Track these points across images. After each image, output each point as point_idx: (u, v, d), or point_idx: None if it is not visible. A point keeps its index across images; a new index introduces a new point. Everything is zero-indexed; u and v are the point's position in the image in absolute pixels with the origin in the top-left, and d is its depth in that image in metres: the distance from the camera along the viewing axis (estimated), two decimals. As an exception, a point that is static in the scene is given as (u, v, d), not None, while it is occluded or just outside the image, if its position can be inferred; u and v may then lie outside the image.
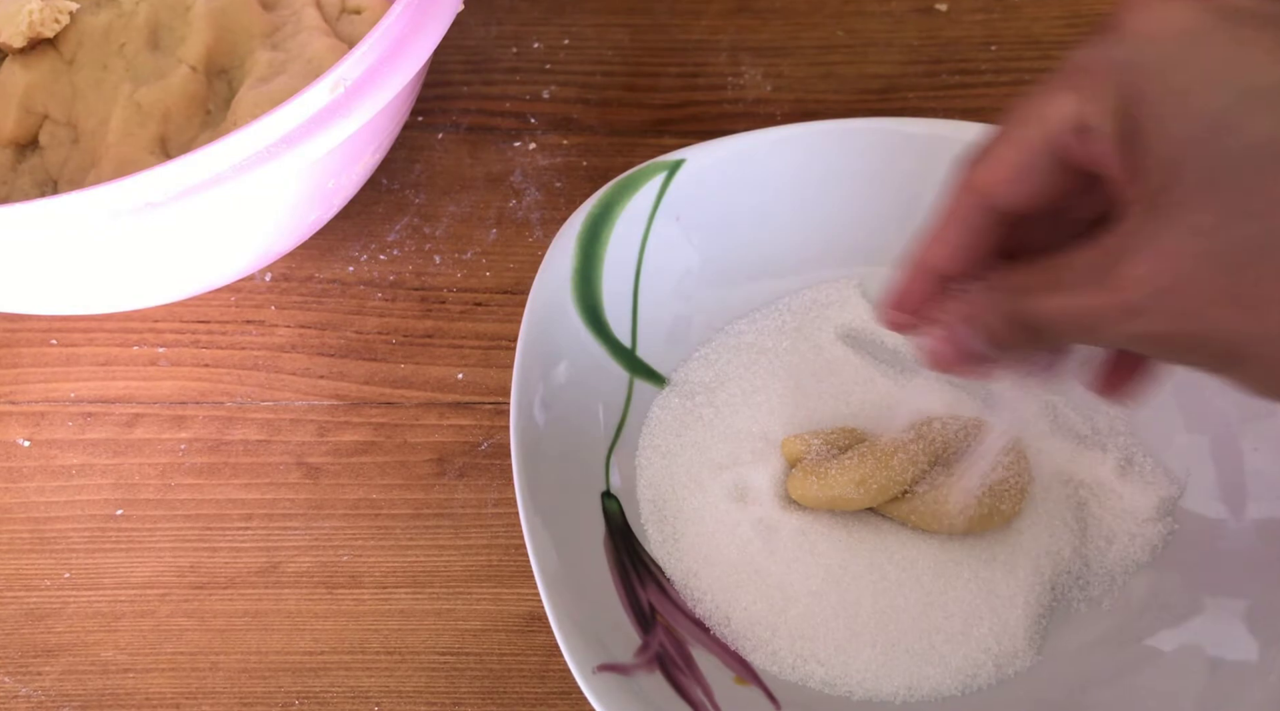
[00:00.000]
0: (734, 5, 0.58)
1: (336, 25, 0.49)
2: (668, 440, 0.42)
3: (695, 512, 0.40)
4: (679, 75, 0.55)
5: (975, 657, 0.37)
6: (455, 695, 0.40)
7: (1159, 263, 0.26)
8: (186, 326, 0.48)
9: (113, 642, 0.41)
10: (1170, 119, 0.26)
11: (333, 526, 0.43)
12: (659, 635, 0.37)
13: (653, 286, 0.44)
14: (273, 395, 0.46)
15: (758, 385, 0.42)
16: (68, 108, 0.46)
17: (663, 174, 0.45)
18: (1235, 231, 0.25)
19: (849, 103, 0.54)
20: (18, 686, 0.40)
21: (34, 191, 0.46)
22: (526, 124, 0.54)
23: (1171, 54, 0.26)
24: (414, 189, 0.52)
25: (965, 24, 0.57)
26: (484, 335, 0.47)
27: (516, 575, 0.42)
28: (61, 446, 0.45)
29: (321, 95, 0.38)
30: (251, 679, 0.40)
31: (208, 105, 0.46)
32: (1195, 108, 0.25)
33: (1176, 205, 0.26)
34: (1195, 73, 0.25)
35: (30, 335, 0.48)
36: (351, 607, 0.41)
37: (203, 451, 0.45)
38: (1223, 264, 0.25)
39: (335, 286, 0.49)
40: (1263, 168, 0.25)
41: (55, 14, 0.46)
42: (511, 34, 0.57)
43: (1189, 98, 0.25)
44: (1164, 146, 0.26)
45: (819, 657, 0.37)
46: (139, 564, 0.42)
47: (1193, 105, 0.25)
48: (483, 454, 0.44)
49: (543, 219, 0.50)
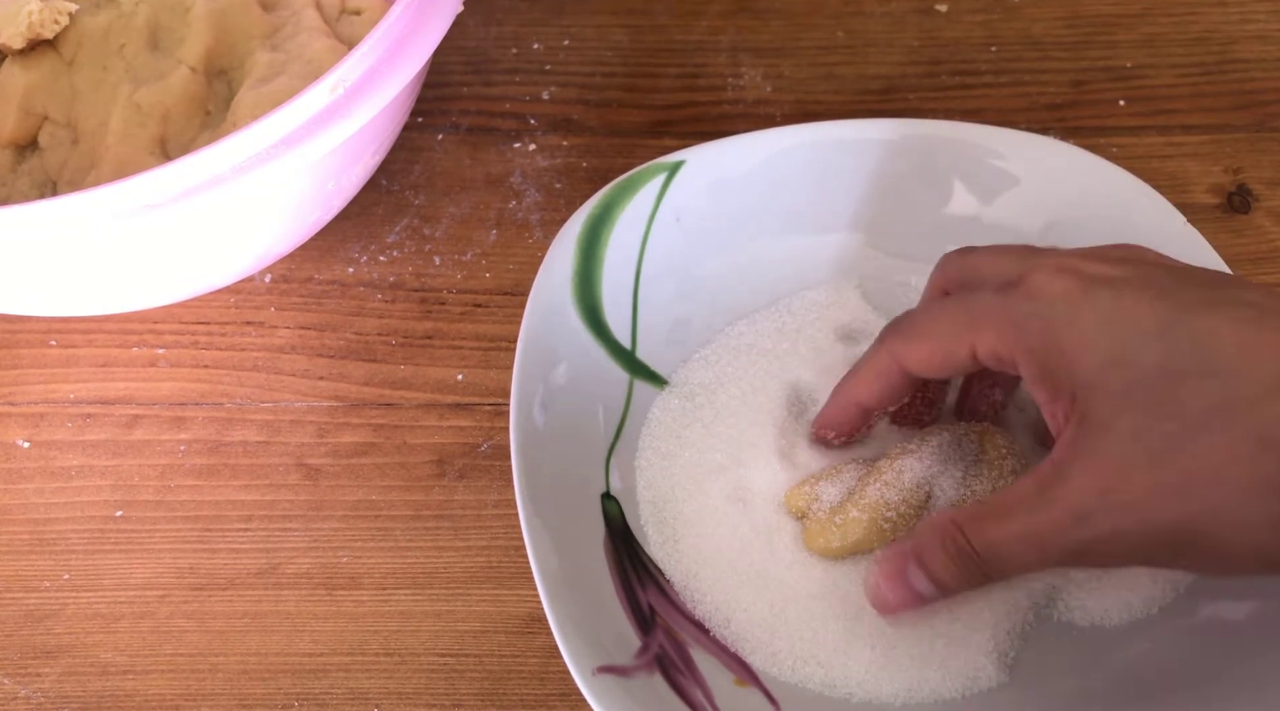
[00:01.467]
0: (734, 6, 0.58)
1: (336, 26, 0.49)
2: (668, 441, 0.42)
3: (695, 514, 0.40)
4: (679, 76, 0.55)
5: (976, 661, 0.37)
6: (455, 696, 0.40)
7: (1098, 468, 0.31)
8: (186, 327, 0.48)
9: (112, 644, 0.41)
10: (1081, 355, 0.31)
11: (332, 527, 0.43)
12: (659, 637, 0.37)
13: (653, 287, 0.44)
14: (272, 396, 0.46)
15: (758, 386, 0.42)
16: (67, 109, 0.46)
17: (663, 175, 0.45)
18: (1157, 430, 0.30)
19: (849, 104, 0.54)
20: (17, 688, 0.40)
21: (33, 192, 0.46)
22: (526, 125, 0.53)
23: (1071, 310, 0.32)
24: (414, 190, 0.52)
25: (965, 25, 0.57)
26: (484, 336, 0.47)
27: (516, 576, 0.42)
28: (61, 447, 0.45)
29: (321, 96, 0.38)
30: (251, 680, 0.40)
31: (207, 106, 0.46)
32: (1100, 346, 0.31)
33: (1102, 420, 0.31)
34: (1092, 322, 0.32)
35: (30, 336, 0.48)
36: (351, 609, 0.41)
37: (202, 452, 0.45)
38: (1152, 459, 0.30)
39: (335, 287, 0.49)
40: (1163, 384, 0.30)
41: (55, 15, 0.46)
42: (511, 35, 0.57)
43: (1093, 339, 0.31)
44: (1081, 374, 0.31)
45: (818, 659, 0.37)
46: (138, 565, 0.42)
47: (1098, 344, 0.31)
48: (482, 455, 0.44)
49: (543, 220, 0.50)
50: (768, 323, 0.44)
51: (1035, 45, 0.56)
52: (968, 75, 0.55)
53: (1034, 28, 0.56)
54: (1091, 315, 0.32)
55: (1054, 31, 0.56)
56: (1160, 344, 0.31)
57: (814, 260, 0.46)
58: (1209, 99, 0.54)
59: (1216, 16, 0.56)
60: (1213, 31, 0.56)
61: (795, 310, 0.45)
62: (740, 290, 0.45)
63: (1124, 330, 0.31)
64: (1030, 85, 0.54)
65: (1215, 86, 0.54)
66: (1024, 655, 0.37)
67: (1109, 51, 0.55)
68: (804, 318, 0.44)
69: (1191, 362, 0.30)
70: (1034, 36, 0.56)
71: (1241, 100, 0.53)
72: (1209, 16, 0.57)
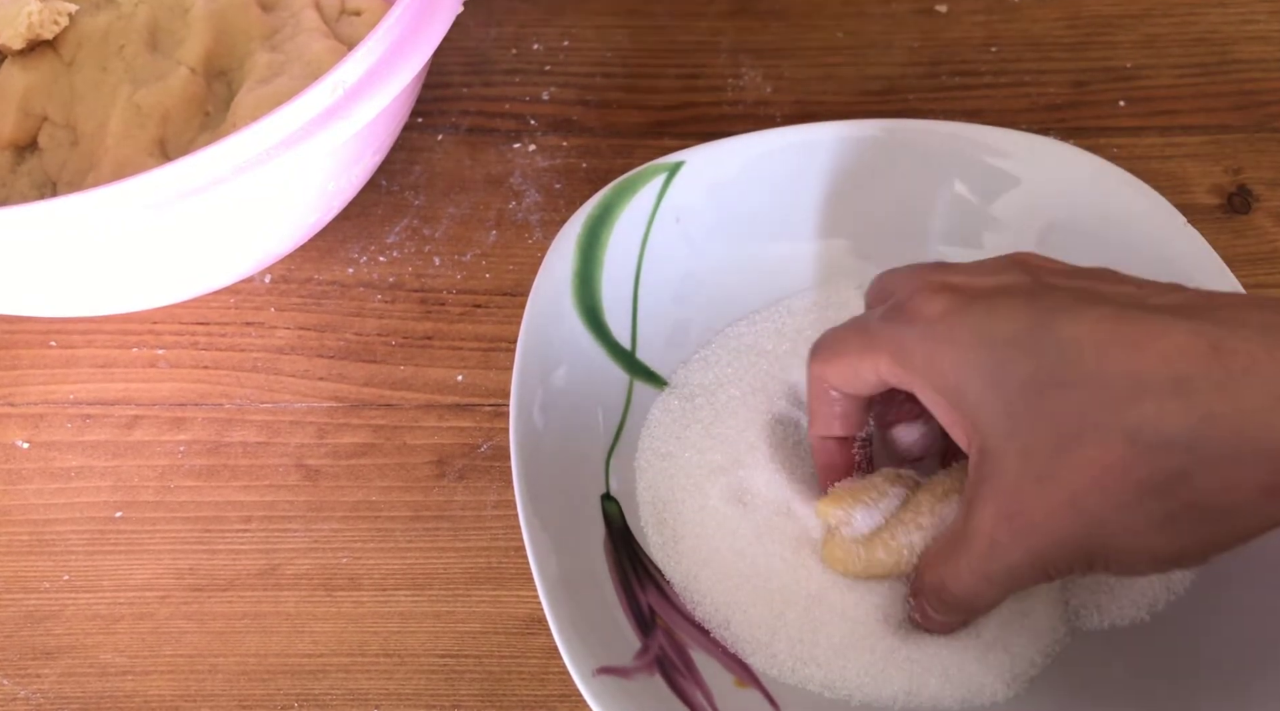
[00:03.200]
0: (734, 7, 0.58)
1: (336, 27, 0.49)
2: (667, 442, 0.42)
3: (695, 515, 0.40)
4: (679, 77, 0.55)
5: (982, 677, 0.36)
6: (455, 697, 0.40)
7: (997, 496, 0.31)
8: (186, 328, 0.48)
9: (112, 645, 0.41)
10: (964, 379, 0.31)
11: (332, 528, 0.43)
12: (659, 638, 0.37)
13: (652, 288, 0.44)
14: (272, 397, 0.46)
15: (757, 387, 0.42)
16: (67, 109, 0.46)
17: (662, 176, 0.45)
18: (1039, 448, 0.30)
19: (849, 104, 0.54)
20: (16, 689, 0.40)
21: (33, 193, 0.46)
22: (526, 126, 0.53)
23: (948, 330, 0.32)
24: (413, 191, 0.51)
25: (965, 25, 0.57)
26: (483, 337, 0.47)
27: (516, 577, 0.42)
28: (60, 448, 0.45)
29: (321, 97, 0.38)
30: (251, 681, 0.40)
31: (207, 107, 0.46)
32: (978, 366, 0.31)
33: (995, 446, 0.31)
34: (968, 340, 0.31)
35: (29, 336, 0.48)
36: (351, 610, 0.41)
37: (202, 453, 0.45)
38: (1039, 479, 0.30)
39: (335, 288, 0.49)
40: (1037, 400, 0.30)
41: (54, 16, 0.46)
42: (511, 35, 0.57)
43: (971, 359, 0.31)
44: (969, 399, 0.31)
45: (818, 660, 0.37)
46: (138, 566, 0.42)
47: (977, 364, 0.31)
48: (482, 456, 0.44)
49: (542, 221, 0.50)
50: (768, 323, 0.44)
51: (1035, 45, 0.56)
52: (968, 76, 0.55)
53: (1034, 28, 0.56)
54: (967, 334, 0.32)
55: (1054, 32, 0.56)
56: (1029, 358, 0.30)
57: (813, 260, 0.46)
58: (1209, 99, 0.54)
59: (1216, 17, 0.56)
60: (1213, 32, 0.56)
61: (795, 311, 0.45)
62: (740, 291, 0.45)
63: (996, 346, 0.31)
64: (1030, 86, 0.54)
65: (1215, 87, 0.54)
66: (1031, 674, 0.37)
67: (1109, 52, 0.55)
68: (804, 318, 0.44)
69: (1057, 372, 0.30)
70: (1034, 37, 0.56)
71: (1241, 100, 0.53)
72: (1209, 17, 0.57)
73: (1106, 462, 0.29)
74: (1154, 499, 0.29)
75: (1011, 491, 0.31)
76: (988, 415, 0.31)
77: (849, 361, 0.35)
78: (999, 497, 0.31)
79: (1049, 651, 0.37)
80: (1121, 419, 0.29)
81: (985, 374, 0.31)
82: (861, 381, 0.35)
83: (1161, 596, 0.38)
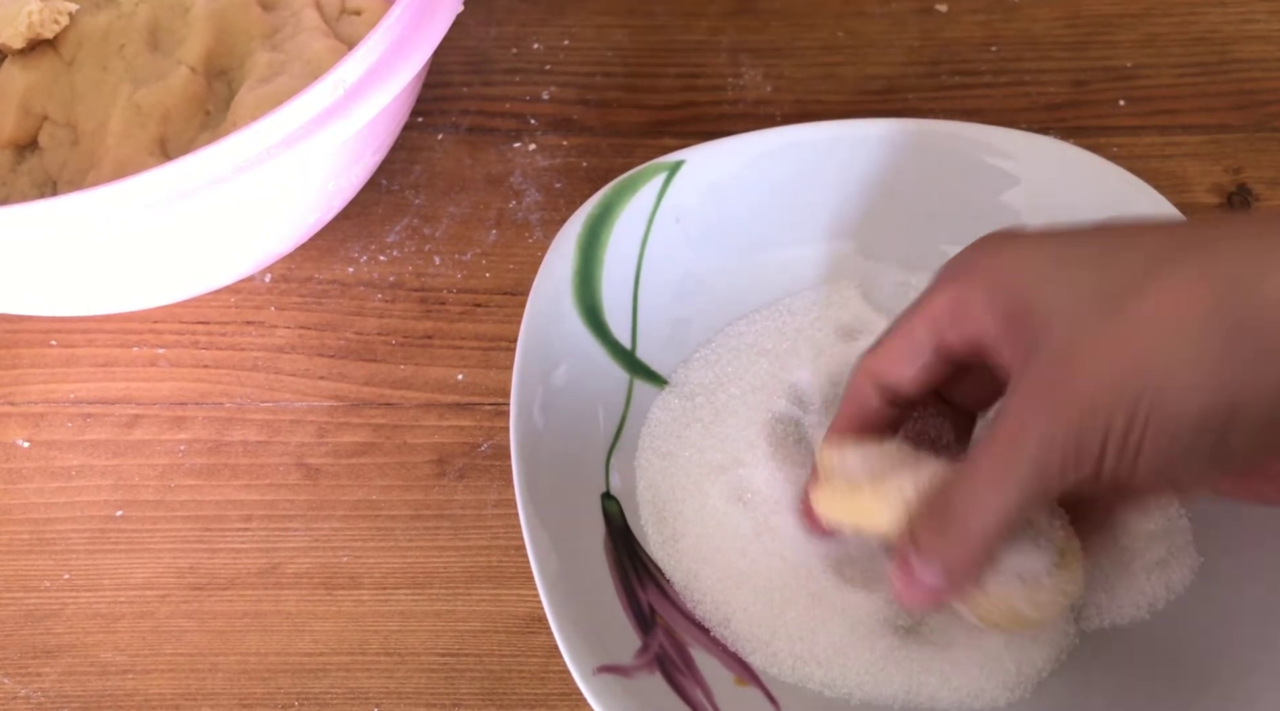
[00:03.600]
0: (734, 6, 0.58)
1: (336, 26, 0.49)
2: (668, 441, 0.42)
3: (695, 514, 0.40)
4: (679, 76, 0.55)
5: (981, 684, 0.36)
6: (455, 696, 0.40)
7: (1035, 375, 0.31)
8: (186, 327, 0.48)
9: (112, 644, 0.41)
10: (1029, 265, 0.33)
11: (332, 527, 0.43)
12: (659, 636, 0.37)
13: (652, 287, 0.44)
14: (272, 396, 0.46)
15: (758, 386, 0.42)
16: (67, 109, 0.46)
17: (663, 175, 0.45)
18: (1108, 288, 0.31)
19: (849, 104, 0.54)
20: (17, 687, 0.40)
21: (33, 192, 0.46)
22: (526, 125, 0.53)
23: (1012, 238, 0.34)
24: (414, 190, 0.52)
25: (965, 25, 0.57)
26: (484, 336, 0.47)
27: (516, 576, 0.42)
28: (61, 447, 0.45)
29: (321, 96, 0.38)
30: (251, 680, 0.40)
31: (207, 106, 0.46)
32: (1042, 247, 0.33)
33: (1046, 319, 0.31)
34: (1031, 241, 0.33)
35: (30, 336, 0.48)
36: (351, 609, 0.41)
37: (202, 452, 0.45)
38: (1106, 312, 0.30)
39: (335, 287, 0.49)
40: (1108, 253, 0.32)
41: (55, 15, 0.46)
42: (511, 35, 0.57)
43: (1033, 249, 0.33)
44: (1038, 317, 0.32)
45: (818, 659, 0.37)
46: (138, 565, 0.42)
47: (1041, 247, 0.33)
48: (482, 455, 0.44)
49: (542, 220, 0.50)
50: (768, 322, 0.44)
51: (1035, 45, 0.56)
52: (968, 75, 0.55)
53: (1034, 28, 0.56)
54: (1031, 240, 0.33)
55: (1054, 31, 0.56)
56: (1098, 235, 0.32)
57: (813, 259, 0.46)
58: (1209, 99, 0.54)
59: (1216, 16, 0.56)
60: (1213, 31, 0.56)
61: (795, 309, 0.45)
62: (740, 289, 0.45)
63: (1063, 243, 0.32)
64: (1030, 85, 0.54)
65: (1215, 86, 0.54)
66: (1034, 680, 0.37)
67: (1109, 51, 0.55)
68: (804, 317, 0.44)
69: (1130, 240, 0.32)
70: (1034, 36, 0.56)
71: (1241, 100, 0.53)
72: (1209, 16, 0.57)
73: (1176, 291, 0.29)
74: (1217, 331, 0.29)
75: (1060, 357, 0.31)
76: (1048, 293, 0.31)
77: (907, 330, 0.35)
78: (1041, 371, 0.31)
79: (1058, 658, 0.37)
80: (1195, 259, 0.30)
81: (1050, 255, 0.32)
82: (917, 353, 0.35)
83: (1161, 596, 0.38)
